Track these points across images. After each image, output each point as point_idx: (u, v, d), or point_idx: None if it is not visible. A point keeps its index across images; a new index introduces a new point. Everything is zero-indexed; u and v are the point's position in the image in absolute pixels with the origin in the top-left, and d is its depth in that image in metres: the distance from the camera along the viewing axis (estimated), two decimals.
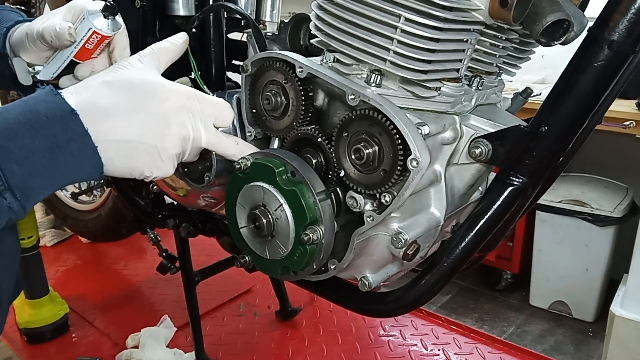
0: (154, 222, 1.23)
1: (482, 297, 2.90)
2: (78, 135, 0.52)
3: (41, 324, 1.37)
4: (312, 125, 0.72)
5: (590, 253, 2.52)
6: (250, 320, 1.48)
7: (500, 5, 0.60)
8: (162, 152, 0.58)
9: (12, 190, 0.48)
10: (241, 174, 0.71)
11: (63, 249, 1.92)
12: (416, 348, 1.36)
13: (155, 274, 1.28)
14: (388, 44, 0.61)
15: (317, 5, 0.68)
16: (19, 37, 0.72)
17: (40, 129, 0.50)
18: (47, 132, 0.50)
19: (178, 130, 0.59)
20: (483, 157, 0.67)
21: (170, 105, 0.58)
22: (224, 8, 1.04)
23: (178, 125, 0.59)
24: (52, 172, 0.51)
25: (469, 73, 0.73)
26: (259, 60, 0.75)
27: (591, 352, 2.46)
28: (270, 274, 0.80)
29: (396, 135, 0.61)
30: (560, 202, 2.55)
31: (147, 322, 1.39)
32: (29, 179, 0.49)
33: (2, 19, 0.76)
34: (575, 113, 0.62)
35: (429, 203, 0.70)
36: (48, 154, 0.50)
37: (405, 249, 0.65)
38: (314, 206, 0.67)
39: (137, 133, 0.56)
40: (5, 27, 0.74)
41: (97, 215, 1.74)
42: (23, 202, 0.49)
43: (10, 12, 0.79)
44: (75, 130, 0.52)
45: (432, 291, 0.70)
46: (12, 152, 0.48)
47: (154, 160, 0.58)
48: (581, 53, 0.60)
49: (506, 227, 0.74)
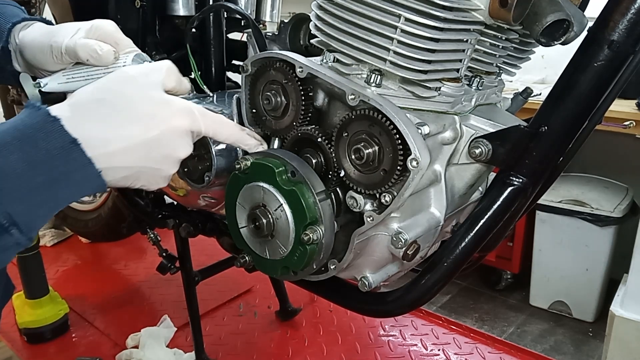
0: (154, 222, 1.23)
1: (482, 297, 2.90)
2: (81, 165, 0.51)
3: (41, 324, 1.37)
4: (312, 125, 0.72)
5: (590, 253, 2.52)
6: (250, 320, 1.48)
7: (500, 5, 0.60)
8: (162, 172, 0.59)
9: (18, 226, 0.48)
10: (241, 174, 0.71)
11: (63, 249, 1.92)
12: (416, 348, 1.36)
13: (155, 274, 1.28)
14: (388, 44, 0.61)
15: (317, 5, 0.68)
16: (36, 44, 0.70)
17: (41, 165, 0.49)
18: (49, 166, 0.49)
19: (180, 153, 0.59)
20: (483, 157, 0.67)
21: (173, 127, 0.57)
22: (224, 8, 1.05)
23: (181, 149, 0.59)
24: (56, 203, 0.51)
25: (469, 73, 0.73)
26: (259, 60, 0.75)
27: (591, 352, 2.46)
28: (270, 274, 0.80)
29: (396, 135, 0.61)
30: (560, 202, 2.55)
31: (147, 322, 1.39)
32: (32, 212, 0.49)
33: (6, 13, 0.75)
34: (575, 113, 0.62)
35: (429, 203, 0.70)
36: (50, 188, 0.49)
37: (405, 249, 0.65)
38: (314, 206, 0.67)
39: (139, 159, 0.56)
40: (12, 23, 0.73)
41: (97, 215, 1.74)
42: (29, 235, 0.49)
43: (14, 7, 0.78)
44: (77, 161, 0.51)
45: (432, 291, 0.70)
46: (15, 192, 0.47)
47: (154, 179, 0.59)
48: (581, 53, 0.60)
49: (506, 227, 0.74)
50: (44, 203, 0.50)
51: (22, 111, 0.52)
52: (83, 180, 0.52)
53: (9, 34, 0.73)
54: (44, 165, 0.49)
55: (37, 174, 0.48)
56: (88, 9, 1.08)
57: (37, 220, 0.50)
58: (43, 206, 0.50)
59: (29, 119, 0.50)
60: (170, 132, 0.57)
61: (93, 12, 0.75)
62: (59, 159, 0.50)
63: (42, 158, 0.49)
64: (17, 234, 0.48)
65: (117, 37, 0.69)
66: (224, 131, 0.64)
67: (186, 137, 0.59)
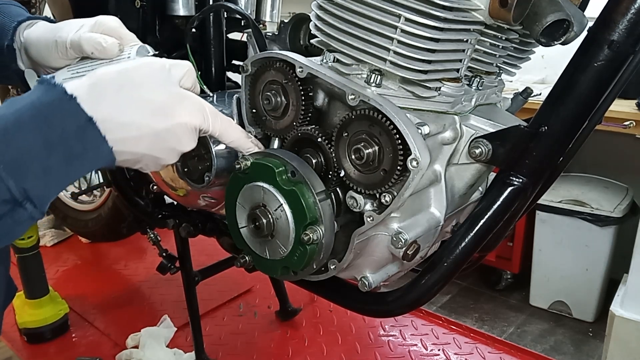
0: (154, 222, 1.23)
1: (482, 297, 2.90)
2: (95, 144, 0.53)
3: (41, 324, 1.37)
4: (312, 125, 0.72)
5: (590, 253, 2.52)
6: (250, 320, 1.48)
7: (500, 5, 0.60)
8: (162, 161, 0.61)
9: (32, 201, 0.49)
10: (241, 174, 0.71)
11: (63, 249, 1.92)
12: (416, 348, 1.36)
13: (155, 274, 1.28)
14: (388, 44, 0.61)
15: (317, 5, 0.68)
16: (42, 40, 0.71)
17: (56, 145, 0.50)
18: (64, 145, 0.50)
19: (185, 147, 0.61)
20: (483, 157, 0.67)
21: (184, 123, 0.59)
22: (224, 8, 1.05)
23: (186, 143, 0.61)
24: (68, 179, 0.53)
25: (469, 73, 0.73)
26: (259, 60, 0.75)
27: (591, 352, 2.46)
28: (270, 274, 0.80)
29: (396, 135, 0.61)
30: (560, 202, 2.55)
31: (147, 322, 1.39)
32: (46, 188, 0.51)
33: (11, 13, 0.76)
34: (575, 113, 0.62)
35: (429, 203, 0.70)
36: (65, 166, 0.51)
37: (405, 249, 0.65)
38: (314, 206, 0.67)
39: (145, 148, 0.58)
40: (17, 21, 0.74)
41: (97, 215, 1.74)
42: (42, 209, 0.51)
43: (17, 7, 0.79)
44: (92, 139, 0.53)
45: (432, 291, 0.70)
46: (31, 169, 0.49)
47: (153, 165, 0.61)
48: (581, 53, 0.60)
49: (506, 227, 0.74)
50: (58, 179, 0.52)
51: (36, 87, 0.53)
52: (96, 158, 0.54)
53: (14, 33, 0.74)
54: (59, 145, 0.50)
55: (53, 153, 0.50)
56: (88, 9, 1.08)
57: (50, 195, 0.52)
58: (57, 182, 0.52)
59: (45, 96, 0.51)
60: (180, 127, 0.59)
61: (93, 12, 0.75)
62: (75, 138, 0.51)
63: (58, 137, 0.50)
64: (31, 208, 0.49)
65: (121, 32, 0.70)
66: (230, 134, 0.66)
67: (193, 133, 0.61)
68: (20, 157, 0.48)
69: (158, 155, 0.59)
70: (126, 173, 1.23)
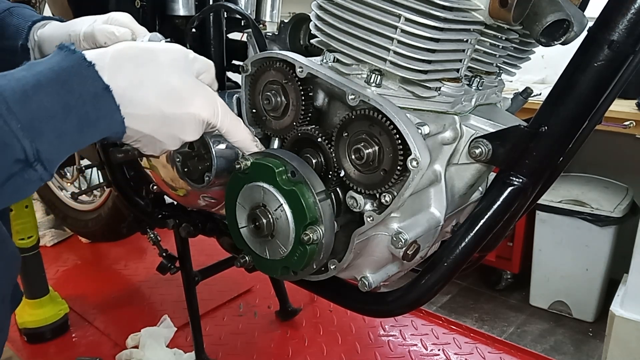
0: (154, 222, 1.23)
1: (482, 297, 2.90)
2: (109, 113, 0.54)
3: (41, 324, 1.37)
4: (312, 125, 0.72)
5: (590, 253, 2.52)
6: (250, 320, 1.48)
7: (500, 5, 0.60)
8: (163, 146, 0.62)
9: (43, 163, 0.50)
10: (241, 174, 0.71)
11: (63, 249, 1.92)
12: (416, 348, 1.36)
13: (155, 274, 1.28)
14: (388, 44, 0.61)
15: (317, 5, 0.68)
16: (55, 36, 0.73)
17: (73, 109, 0.50)
18: (80, 111, 0.51)
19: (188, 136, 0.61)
20: (483, 157, 0.67)
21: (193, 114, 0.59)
22: (224, 8, 1.05)
23: (190, 133, 0.61)
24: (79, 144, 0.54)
25: (469, 73, 0.73)
26: (259, 60, 0.75)
27: (591, 352, 2.46)
28: (270, 274, 0.80)
29: (396, 135, 0.61)
30: (560, 202, 2.55)
31: (147, 322, 1.39)
32: (58, 152, 0.51)
33: (25, 14, 0.78)
34: (575, 113, 0.62)
35: (429, 203, 0.70)
36: (77, 131, 0.52)
37: (405, 249, 0.65)
38: (314, 206, 0.67)
39: (150, 129, 0.58)
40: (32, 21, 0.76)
41: (97, 215, 1.74)
42: (51, 171, 0.51)
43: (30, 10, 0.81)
44: (106, 108, 0.53)
45: (432, 291, 0.70)
46: (46, 133, 0.49)
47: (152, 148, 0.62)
48: (581, 53, 0.60)
49: (506, 227, 0.74)
50: (70, 143, 0.52)
51: (55, 52, 0.53)
52: (108, 126, 0.55)
53: (29, 32, 0.75)
54: (76, 110, 0.51)
55: (69, 118, 0.50)
56: (88, 9, 1.08)
57: (60, 158, 0.52)
58: (68, 146, 0.52)
59: (65, 61, 0.52)
60: (188, 116, 0.59)
61: (93, 12, 0.76)
62: (91, 104, 0.52)
63: (75, 102, 0.51)
64: (42, 170, 0.50)
65: (133, 27, 0.72)
66: (237, 134, 0.66)
67: (200, 125, 0.61)
68: (37, 118, 0.48)
69: (160, 138, 0.59)
70: (126, 173, 1.23)
